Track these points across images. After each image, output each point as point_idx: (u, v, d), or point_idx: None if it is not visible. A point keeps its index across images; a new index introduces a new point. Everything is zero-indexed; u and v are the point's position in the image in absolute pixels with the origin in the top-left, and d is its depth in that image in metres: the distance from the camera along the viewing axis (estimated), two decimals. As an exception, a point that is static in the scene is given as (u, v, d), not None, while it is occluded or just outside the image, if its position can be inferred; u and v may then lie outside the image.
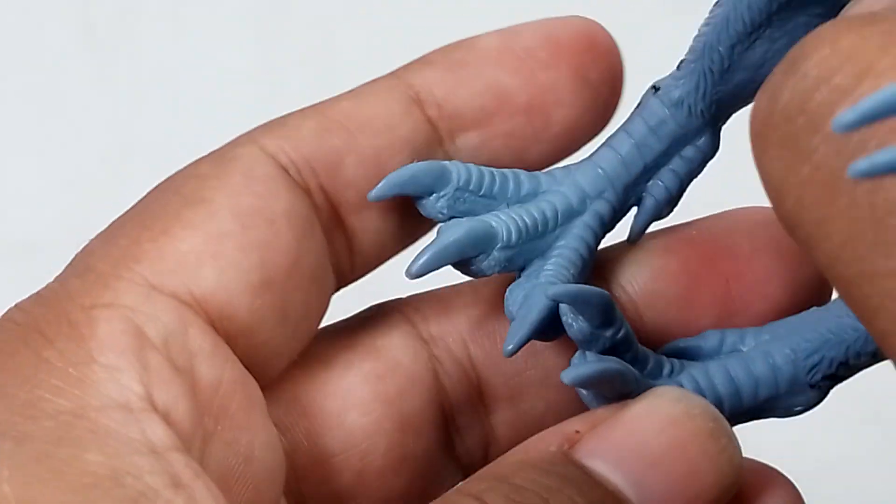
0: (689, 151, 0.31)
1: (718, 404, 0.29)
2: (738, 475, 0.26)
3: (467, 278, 0.30)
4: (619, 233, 0.31)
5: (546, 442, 0.27)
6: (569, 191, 0.30)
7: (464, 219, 0.29)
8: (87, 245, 0.28)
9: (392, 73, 0.29)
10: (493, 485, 0.25)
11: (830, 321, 0.29)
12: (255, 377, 0.27)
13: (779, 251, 0.29)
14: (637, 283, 0.30)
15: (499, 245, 0.29)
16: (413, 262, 0.28)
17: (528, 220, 0.30)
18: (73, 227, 0.64)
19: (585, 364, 0.28)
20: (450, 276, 0.30)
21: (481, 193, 0.30)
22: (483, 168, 0.30)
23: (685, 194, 0.31)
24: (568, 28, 0.29)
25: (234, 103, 0.64)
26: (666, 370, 0.29)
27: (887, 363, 0.23)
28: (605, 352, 0.28)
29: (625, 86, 0.30)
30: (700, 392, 0.29)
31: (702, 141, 0.31)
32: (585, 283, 0.30)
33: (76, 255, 0.28)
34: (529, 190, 0.30)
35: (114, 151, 0.63)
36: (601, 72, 0.29)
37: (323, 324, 0.30)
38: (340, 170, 0.28)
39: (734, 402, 0.29)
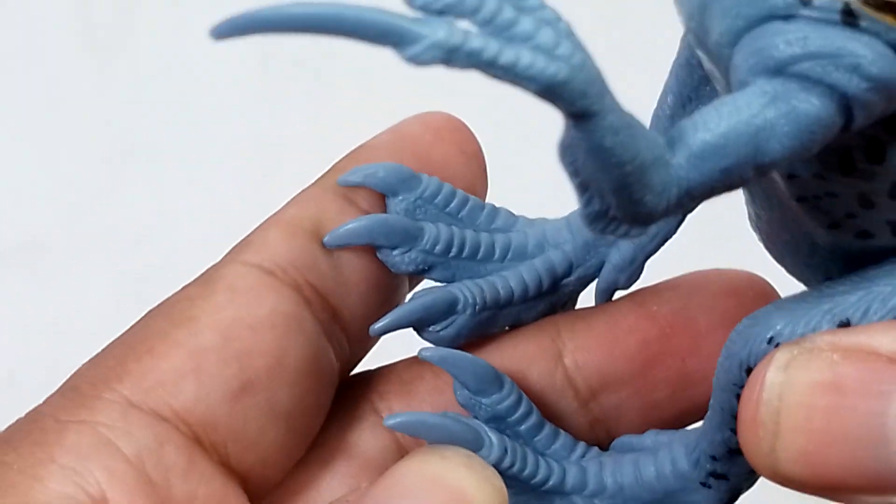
0: None
1: (620, 494, 0.30)
2: (502, 491, 0.27)
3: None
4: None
5: None
6: (530, 233, 0.32)
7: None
8: (78, 368, 0.29)
9: (315, 183, 0.31)
10: None
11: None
12: (254, 481, 0.29)
13: (734, 324, 0.30)
14: (594, 361, 0.31)
15: (420, 246, 0.31)
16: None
17: (467, 240, 0.31)
18: (73, 227, 0.64)
19: (405, 415, 0.29)
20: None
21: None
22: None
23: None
24: (437, 116, 0.32)
25: (235, 103, 0.64)
26: (577, 452, 0.31)
27: None
28: (489, 419, 0.30)
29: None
30: (603, 481, 0.30)
31: None
32: (518, 319, 0.31)
33: (67, 379, 0.29)
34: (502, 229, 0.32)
35: (114, 151, 0.63)
36: (472, 145, 0.32)
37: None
38: (317, 264, 0.30)
39: (635, 493, 0.30)
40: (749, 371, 0.26)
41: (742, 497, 0.30)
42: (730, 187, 0.24)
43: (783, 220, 0.27)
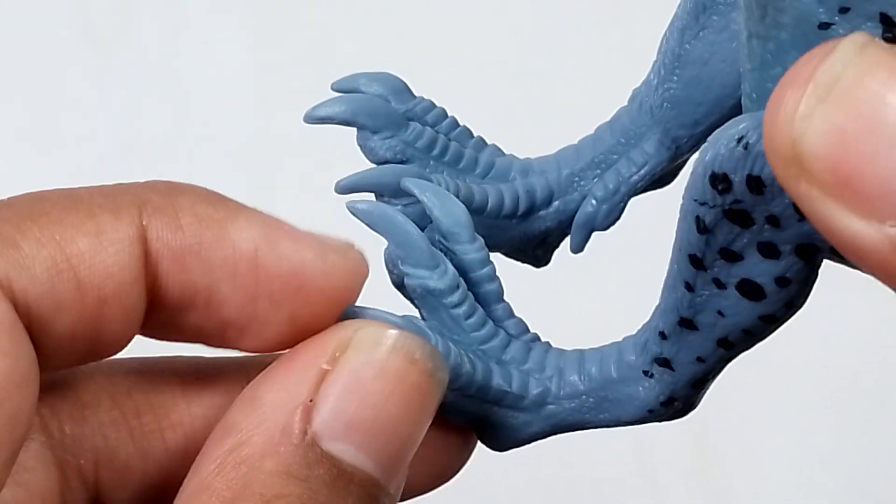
0: (635, 154, 0.31)
1: (558, 377, 0.30)
2: (443, 392, 0.27)
3: None
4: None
5: (283, 413, 0.26)
6: (516, 161, 0.31)
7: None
8: None
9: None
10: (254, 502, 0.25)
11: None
12: None
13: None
14: None
15: (402, 136, 0.30)
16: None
17: (451, 146, 0.30)
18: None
19: (370, 202, 0.29)
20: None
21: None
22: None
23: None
24: (318, 266, 0.28)
25: (234, 103, 0.64)
26: (528, 336, 0.30)
27: None
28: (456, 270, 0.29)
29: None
30: (544, 362, 0.30)
31: (648, 145, 0.31)
32: (485, 235, 0.30)
33: None
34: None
35: (113, 151, 0.63)
36: (315, 315, 0.28)
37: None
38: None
39: (573, 380, 0.30)
40: (713, 178, 0.25)
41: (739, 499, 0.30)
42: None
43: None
